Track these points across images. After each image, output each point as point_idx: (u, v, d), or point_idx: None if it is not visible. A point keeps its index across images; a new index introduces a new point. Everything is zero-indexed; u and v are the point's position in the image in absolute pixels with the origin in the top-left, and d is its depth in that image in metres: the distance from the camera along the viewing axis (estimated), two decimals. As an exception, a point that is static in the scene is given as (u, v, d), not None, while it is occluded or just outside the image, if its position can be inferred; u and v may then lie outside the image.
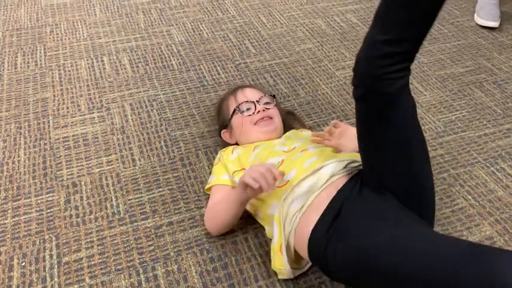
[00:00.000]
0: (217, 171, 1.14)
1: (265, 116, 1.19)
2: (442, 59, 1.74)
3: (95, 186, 1.21)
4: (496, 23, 1.90)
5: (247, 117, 1.19)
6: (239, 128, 1.20)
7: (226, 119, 1.24)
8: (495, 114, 1.48)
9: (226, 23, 1.94)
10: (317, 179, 0.94)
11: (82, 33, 1.85)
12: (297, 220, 0.92)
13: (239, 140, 1.22)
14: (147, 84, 1.58)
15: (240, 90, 1.25)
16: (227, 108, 1.25)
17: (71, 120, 1.42)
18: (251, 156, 1.11)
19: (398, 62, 0.77)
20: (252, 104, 1.20)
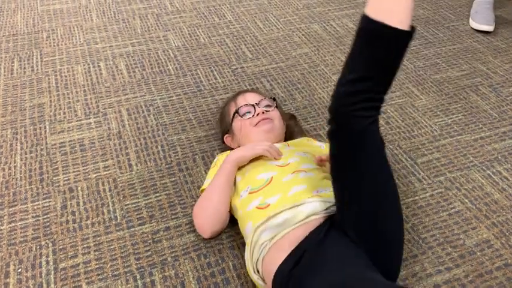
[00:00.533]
0: (212, 174, 1.14)
1: (265, 118, 1.18)
2: (438, 62, 1.75)
3: (91, 192, 1.21)
4: (491, 27, 1.92)
5: (247, 120, 1.19)
6: (239, 131, 1.20)
7: (228, 124, 1.25)
8: (491, 118, 1.49)
9: (223, 28, 1.94)
10: (294, 214, 0.92)
11: (79, 38, 1.85)
12: (265, 249, 0.91)
13: (241, 143, 1.22)
14: (143, 89, 1.58)
15: (241, 95, 1.26)
16: (228, 113, 1.26)
17: (67, 125, 1.42)
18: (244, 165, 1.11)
19: (365, 100, 0.80)
20: (252, 107, 1.20)
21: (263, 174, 1.04)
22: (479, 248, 1.09)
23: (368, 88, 0.79)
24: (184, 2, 2.15)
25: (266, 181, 1.02)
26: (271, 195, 0.98)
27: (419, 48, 1.83)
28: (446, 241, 1.11)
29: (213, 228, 1.07)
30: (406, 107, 1.53)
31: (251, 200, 1.00)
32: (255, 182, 1.03)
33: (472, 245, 1.10)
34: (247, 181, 1.05)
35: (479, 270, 1.05)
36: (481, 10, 1.95)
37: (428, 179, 1.26)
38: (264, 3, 2.15)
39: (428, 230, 1.13)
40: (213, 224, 1.06)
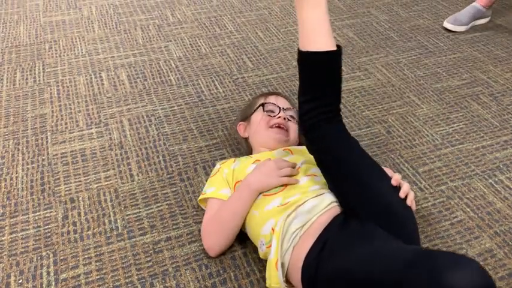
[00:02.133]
0: (215, 183, 1.12)
1: (282, 124, 1.20)
2: (439, 72, 1.76)
3: (92, 202, 1.21)
4: (456, 27, 2.02)
5: (266, 118, 1.21)
6: (255, 124, 1.22)
7: (249, 113, 1.27)
8: (492, 127, 1.49)
9: (224, 38, 1.96)
10: (319, 201, 0.97)
11: (81, 49, 1.86)
12: (296, 238, 0.92)
13: (250, 135, 1.24)
14: (145, 99, 1.58)
15: (274, 95, 1.29)
16: (255, 104, 1.28)
17: (69, 136, 1.42)
18: (249, 167, 1.10)
19: (320, 113, 0.94)
20: (278, 108, 1.23)
21: None
22: (482, 258, 1.09)
23: (318, 105, 0.94)
24: (185, 12, 2.17)
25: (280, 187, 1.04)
26: (291, 195, 1.00)
27: (419, 58, 1.84)
28: (449, 251, 1.10)
29: (223, 249, 1.07)
30: (407, 116, 1.53)
31: (269, 201, 1.01)
32: None
33: (475, 255, 1.09)
34: None
35: (483, 280, 1.04)
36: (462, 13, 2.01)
37: (430, 188, 1.26)
38: (264, 14, 2.16)
39: (431, 239, 1.12)
40: (225, 246, 1.06)
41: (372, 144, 1.41)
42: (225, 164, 1.16)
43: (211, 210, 1.08)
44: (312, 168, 1.07)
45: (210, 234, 1.05)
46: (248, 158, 1.17)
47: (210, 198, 1.10)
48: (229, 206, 1.04)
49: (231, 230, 1.04)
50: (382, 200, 0.93)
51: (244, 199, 1.03)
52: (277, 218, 0.96)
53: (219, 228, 1.04)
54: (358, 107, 1.57)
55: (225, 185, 1.11)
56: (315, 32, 0.93)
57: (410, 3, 2.29)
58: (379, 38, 1.97)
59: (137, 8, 2.19)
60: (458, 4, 2.27)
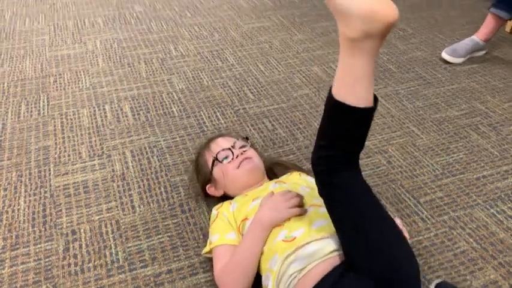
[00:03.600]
0: (218, 229, 1.07)
1: (244, 158, 1.19)
2: (437, 102, 1.78)
3: (94, 234, 1.20)
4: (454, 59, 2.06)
5: (228, 165, 1.19)
6: (223, 177, 1.19)
7: (208, 173, 1.23)
8: (492, 156, 1.50)
9: (226, 71, 1.99)
10: (323, 246, 0.92)
11: (85, 82, 1.90)
12: (294, 281, 0.89)
13: (226, 189, 1.21)
14: (148, 131, 1.60)
15: (213, 142, 1.25)
16: (205, 162, 1.24)
17: (71, 167, 1.43)
18: (251, 204, 1.08)
19: (336, 163, 0.86)
20: (229, 151, 1.20)
21: None
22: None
23: (338, 154, 0.85)
24: (188, 46, 2.22)
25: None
26: (296, 228, 0.97)
27: (418, 89, 1.87)
28: (453, 282, 1.09)
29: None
30: (407, 146, 1.54)
31: (276, 235, 0.98)
32: None
33: (479, 286, 1.08)
34: None
35: (488, 313, 1.02)
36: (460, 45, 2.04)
37: (432, 219, 1.26)
38: (265, 47, 2.21)
39: (434, 270, 1.11)
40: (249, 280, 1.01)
41: (373, 174, 1.42)
42: (222, 207, 1.14)
43: (222, 258, 1.02)
44: (314, 199, 1.05)
45: (230, 283, 0.98)
46: (243, 196, 1.15)
47: (217, 247, 1.04)
48: (245, 249, 0.99)
49: (251, 272, 0.99)
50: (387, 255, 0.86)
51: (259, 237, 0.99)
52: (280, 253, 0.94)
53: (240, 275, 0.98)
54: (358, 138, 1.58)
55: (229, 228, 1.07)
56: (357, 84, 0.80)
57: (407, 36, 2.34)
58: (378, 70, 2.01)
59: (141, 43, 2.25)
60: (454, 36, 2.32)
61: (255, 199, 1.10)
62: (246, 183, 1.18)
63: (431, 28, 2.43)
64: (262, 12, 2.62)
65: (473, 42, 2.07)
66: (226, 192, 1.23)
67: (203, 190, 1.26)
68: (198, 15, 2.58)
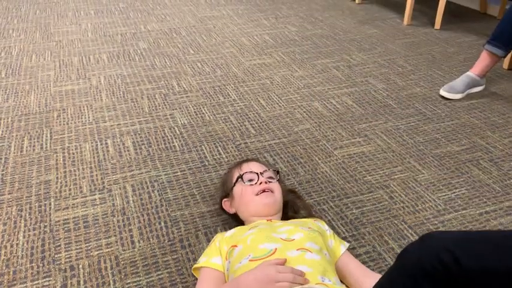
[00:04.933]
0: (208, 252, 1.11)
1: (266, 188, 1.19)
2: (438, 138, 1.79)
3: (93, 270, 1.19)
4: (451, 95, 2.09)
5: (249, 187, 1.21)
6: (240, 197, 1.21)
7: (229, 188, 1.27)
8: (494, 192, 1.49)
9: (228, 106, 2.02)
10: None
11: (88, 117, 1.92)
12: None
13: (238, 209, 1.23)
14: (149, 165, 1.61)
15: (246, 163, 1.29)
16: (231, 178, 1.28)
17: (72, 202, 1.43)
18: (245, 233, 1.08)
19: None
20: (256, 175, 1.23)
21: (266, 244, 1.01)
22: None
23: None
24: (190, 82, 2.25)
25: (270, 251, 0.99)
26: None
27: (418, 124, 1.88)
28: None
29: None
30: (408, 182, 1.53)
31: (251, 268, 0.96)
32: (257, 250, 1.01)
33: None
34: (249, 249, 1.02)
35: None
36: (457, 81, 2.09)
37: (436, 255, 1.24)
38: (266, 83, 2.25)
39: None
40: None
41: (375, 209, 1.41)
42: (219, 235, 1.15)
43: (203, 282, 1.06)
44: (308, 242, 1.02)
45: None
46: (247, 226, 1.15)
47: (202, 268, 1.08)
48: None
49: None
50: None
51: None
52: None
53: None
54: (359, 172, 1.58)
55: (216, 253, 1.09)
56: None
57: (406, 73, 2.38)
58: (378, 106, 2.03)
59: (144, 78, 2.29)
60: (453, 73, 2.36)
61: (252, 228, 1.09)
62: (257, 212, 1.18)
63: (430, 65, 2.47)
64: (264, 50, 2.68)
65: (469, 78, 2.10)
66: (238, 213, 1.24)
67: (220, 202, 1.30)
68: (200, 52, 2.63)
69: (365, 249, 1.26)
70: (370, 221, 1.36)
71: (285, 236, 1.05)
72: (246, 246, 1.04)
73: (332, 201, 1.44)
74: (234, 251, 1.06)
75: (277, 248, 1.00)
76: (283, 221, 1.15)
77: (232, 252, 1.06)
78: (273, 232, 1.06)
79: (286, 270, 0.90)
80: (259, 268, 0.93)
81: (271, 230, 1.08)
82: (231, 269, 1.03)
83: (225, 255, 1.08)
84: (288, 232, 1.06)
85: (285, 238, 1.04)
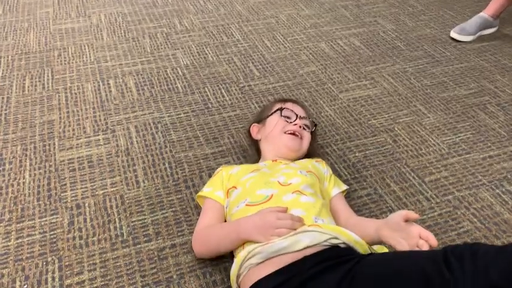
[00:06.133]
0: (213, 183, 1.14)
1: (297, 132, 1.19)
2: (445, 81, 1.75)
3: (98, 208, 1.21)
4: (462, 37, 2.02)
5: (282, 122, 1.21)
6: (270, 127, 1.22)
7: (265, 115, 1.27)
8: (499, 136, 1.48)
9: (231, 46, 1.97)
10: (292, 243, 0.89)
11: (89, 56, 1.88)
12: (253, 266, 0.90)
13: (263, 139, 1.24)
14: (152, 106, 1.59)
15: (291, 102, 1.29)
16: (271, 108, 1.28)
17: (76, 142, 1.43)
18: (246, 176, 1.09)
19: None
20: (295, 115, 1.23)
21: (264, 190, 1.03)
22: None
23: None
24: (193, 21, 2.18)
25: (266, 197, 1.01)
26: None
27: (426, 67, 1.84)
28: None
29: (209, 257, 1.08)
30: (413, 125, 1.52)
31: (248, 212, 0.99)
32: (254, 196, 1.03)
33: (482, 266, 1.08)
34: (247, 193, 1.04)
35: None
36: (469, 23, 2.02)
37: (437, 198, 1.25)
38: (271, 23, 2.17)
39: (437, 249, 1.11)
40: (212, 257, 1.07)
41: (378, 153, 1.41)
42: (226, 168, 1.17)
43: (204, 215, 1.09)
44: (304, 185, 1.03)
45: (197, 246, 1.06)
46: (252, 166, 1.16)
47: (207, 198, 1.12)
48: (217, 237, 1.02)
49: (215, 252, 1.05)
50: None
51: (231, 240, 0.98)
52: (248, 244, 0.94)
53: (205, 249, 1.05)
54: (364, 116, 1.57)
55: (220, 187, 1.12)
56: None
57: (417, 13, 2.29)
58: (386, 47, 1.97)
59: (145, 17, 2.22)
60: (465, 14, 2.27)
61: (254, 171, 1.10)
62: (277, 149, 1.19)
63: (442, 5, 2.38)
64: (269, -13, 2.57)
65: (482, 19, 2.02)
66: (260, 142, 1.26)
67: (249, 126, 1.31)
68: (203, -11, 2.53)
69: (366, 192, 1.27)
70: (372, 164, 1.37)
71: (282, 179, 1.06)
72: (245, 190, 1.06)
73: (335, 145, 1.44)
74: (233, 192, 1.08)
75: (273, 194, 1.02)
76: (286, 163, 1.16)
77: (232, 194, 1.08)
78: (272, 176, 1.07)
79: (286, 217, 0.92)
80: (259, 214, 0.95)
81: (271, 174, 1.09)
82: (229, 211, 1.06)
83: (226, 191, 1.10)
84: (286, 175, 1.07)
85: (282, 182, 1.05)
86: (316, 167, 1.17)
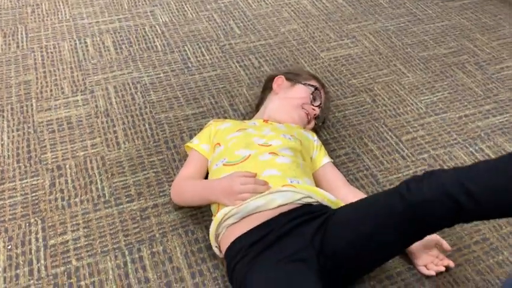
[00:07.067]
0: (201, 136, 1.17)
1: (311, 115, 1.21)
2: (426, 40, 1.76)
3: (79, 170, 1.22)
4: None
5: (307, 99, 1.21)
6: (297, 94, 1.22)
7: (300, 78, 1.25)
8: (476, 96, 1.51)
9: (211, 2, 1.92)
10: (266, 202, 0.93)
11: (64, 14, 1.82)
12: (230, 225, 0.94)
13: (280, 94, 1.24)
14: (131, 66, 1.57)
15: (324, 90, 1.28)
16: (308, 77, 1.27)
17: (54, 103, 1.41)
18: (231, 134, 1.11)
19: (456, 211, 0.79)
20: (319, 102, 1.24)
21: (242, 150, 1.05)
22: (460, 225, 1.13)
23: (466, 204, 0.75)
24: (171, -24, 2.11)
25: (243, 157, 1.03)
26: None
27: (407, 25, 1.83)
28: (428, 217, 1.14)
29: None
30: (392, 85, 1.54)
31: (223, 172, 1.02)
32: (232, 155, 1.05)
33: (452, 221, 1.13)
34: (227, 152, 1.07)
35: (458, 245, 1.08)
36: None
37: (412, 157, 1.29)
38: (253, -22, 2.11)
39: (410, 206, 1.15)
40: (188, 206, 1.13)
41: (357, 113, 1.43)
42: (216, 122, 1.19)
43: (187, 165, 1.13)
44: (283, 148, 1.05)
45: (174, 194, 1.11)
46: (240, 123, 1.17)
47: (192, 149, 1.15)
48: (190, 193, 1.07)
49: (189, 205, 1.12)
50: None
51: (202, 199, 1.05)
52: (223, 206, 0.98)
53: (181, 200, 1.11)
54: (344, 75, 1.57)
55: (207, 141, 1.15)
56: None
57: (401, -32, 2.25)
58: (368, 5, 1.95)
59: (122, -29, 2.13)
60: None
61: (240, 130, 1.12)
62: (282, 112, 1.19)
63: (426, -40, 2.33)
64: None
65: None
66: (274, 95, 1.25)
67: (274, 75, 1.29)
68: None
69: (344, 151, 1.30)
70: (351, 123, 1.39)
71: (263, 141, 1.07)
72: (226, 149, 1.08)
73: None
74: (217, 149, 1.10)
75: (250, 155, 1.03)
76: (274, 125, 1.16)
77: (216, 150, 1.11)
78: (255, 136, 1.09)
79: (249, 182, 0.95)
80: (227, 178, 0.99)
81: (254, 134, 1.10)
82: (211, 167, 1.09)
83: (213, 146, 1.13)
84: (268, 137, 1.09)
85: (262, 143, 1.07)
86: (302, 134, 1.17)
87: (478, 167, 0.78)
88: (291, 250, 0.87)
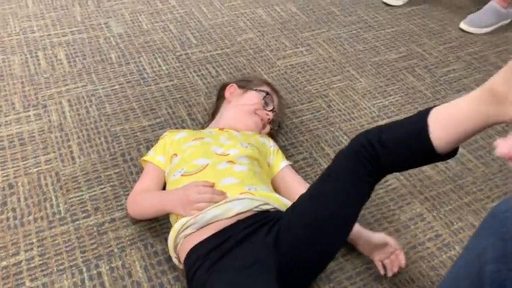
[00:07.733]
0: (157, 148, 1.16)
1: (265, 120, 1.22)
2: (377, 46, 1.82)
3: (33, 187, 1.18)
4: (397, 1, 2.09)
5: (259, 104, 1.22)
6: (248, 101, 1.23)
7: (250, 86, 1.27)
8: (425, 98, 1.57)
9: (166, 13, 1.92)
10: (223, 212, 0.94)
11: (14, 27, 1.77)
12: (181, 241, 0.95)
13: (233, 102, 1.25)
14: (85, 79, 1.54)
15: (276, 94, 1.31)
16: (259, 84, 1.28)
17: (4, 119, 1.37)
18: (187, 144, 1.10)
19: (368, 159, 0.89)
20: (272, 107, 1.25)
21: (201, 160, 1.05)
22: (413, 222, 1.17)
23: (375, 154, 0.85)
24: (125, -13, 2.09)
25: (201, 166, 1.04)
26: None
27: (359, 32, 1.89)
28: (383, 217, 1.17)
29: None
30: (346, 90, 1.58)
31: (182, 183, 1.02)
32: (190, 165, 1.05)
33: (406, 219, 1.18)
34: (184, 162, 1.06)
35: (413, 243, 1.12)
36: None
37: (367, 159, 1.32)
38: (208, -12, 2.13)
39: (366, 207, 1.19)
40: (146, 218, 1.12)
41: (313, 118, 1.46)
42: (171, 133, 1.18)
43: (143, 178, 1.12)
44: (241, 157, 1.06)
45: (129, 209, 1.11)
46: (196, 132, 1.17)
47: (148, 162, 1.14)
48: (144, 205, 1.07)
49: (144, 218, 1.11)
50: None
51: (156, 210, 1.06)
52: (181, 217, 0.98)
53: (134, 213, 1.10)
54: (300, 82, 1.60)
55: (162, 152, 1.14)
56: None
57: (352, -23, 2.32)
58: (322, 13, 2.00)
59: (74, -18, 2.09)
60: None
61: (196, 139, 1.11)
62: (236, 120, 1.20)
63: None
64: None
65: None
66: (227, 104, 1.27)
67: (226, 84, 1.31)
68: (135, -48, 2.41)
69: (302, 156, 1.33)
70: (308, 129, 1.42)
71: (221, 150, 1.08)
72: (183, 159, 1.07)
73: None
74: (174, 159, 1.10)
75: (208, 164, 1.04)
76: (231, 134, 1.17)
77: (173, 160, 1.10)
78: (213, 145, 1.09)
79: (206, 191, 0.96)
80: (183, 189, 0.99)
81: (212, 143, 1.10)
82: (168, 179, 1.09)
83: (169, 157, 1.12)
84: (226, 147, 1.09)
85: (220, 153, 1.07)
86: (259, 141, 1.18)
87: (396, 122, 0.91)
88: (249, 255, 0.88)
